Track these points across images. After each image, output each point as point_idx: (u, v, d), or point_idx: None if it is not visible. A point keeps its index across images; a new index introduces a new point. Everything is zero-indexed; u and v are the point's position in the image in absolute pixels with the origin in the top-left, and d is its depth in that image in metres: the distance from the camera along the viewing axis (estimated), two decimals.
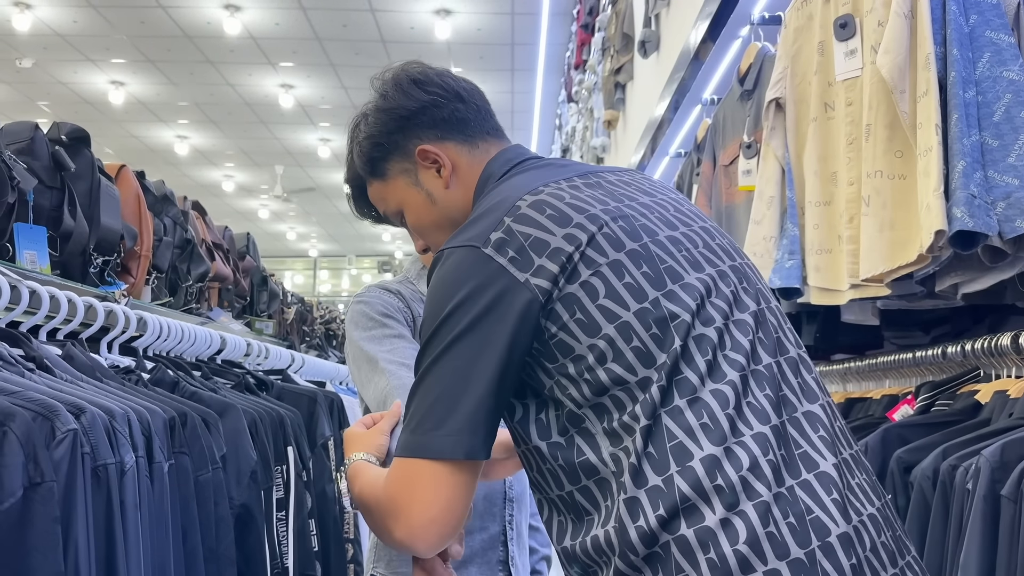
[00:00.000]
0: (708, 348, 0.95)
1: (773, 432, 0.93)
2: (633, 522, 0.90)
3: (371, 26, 9.00)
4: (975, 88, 1.50)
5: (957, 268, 1.58)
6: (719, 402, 0.93)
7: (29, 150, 1.80)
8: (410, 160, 1.18)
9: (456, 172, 1.17)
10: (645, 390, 0.93)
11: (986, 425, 1.44)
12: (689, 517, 0.89)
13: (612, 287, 0.95)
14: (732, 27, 2.78)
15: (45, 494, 1.04)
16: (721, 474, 0.89)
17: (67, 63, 10.03)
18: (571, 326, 0.95)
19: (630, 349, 0.94)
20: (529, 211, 0.99)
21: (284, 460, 1.96)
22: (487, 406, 0.95)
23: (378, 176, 1.21)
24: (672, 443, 0.91)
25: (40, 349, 1.40)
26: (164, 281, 2.40)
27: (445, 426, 0.94)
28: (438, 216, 1.18)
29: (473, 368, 0.94)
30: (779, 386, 0.97)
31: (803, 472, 0.92)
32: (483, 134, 1.19)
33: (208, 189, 14.75)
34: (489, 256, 0.96)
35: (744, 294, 1.02)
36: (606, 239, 0.98)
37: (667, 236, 1.02)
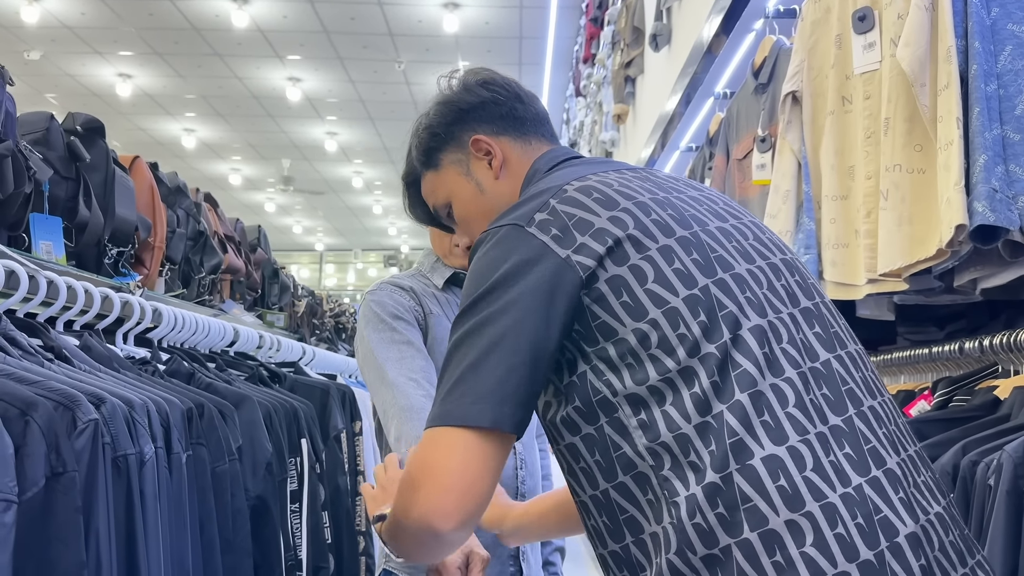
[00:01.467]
0: (764, 341, 0.93)
1: (834, 431, 0.91)
2: (690, 520, 0.88)
3: (379, 19, 8.99)
4: (997, 81, 1.49)
5: (976, 263, 1.57)
6: (779, 399, 0.90)
7: (45, 140, 1.80)
8: (464, 151, 1.21)
9: (506, 164, 1.19)
10: (692, 383, 0.91)
11: (1006, 421, 1.43)
12: (752, 520, 0.86)
13: (661, 272, 0.94)
14: (746, 20, 2.77)
15: (67, 484, 1.04)
16: (784, 474, 0.87)
17: (75, 55, 10.04)
18: (617, 309, 0.93)
19: (676, 336, 0.92)
20: (576, 194, 0.99)
21: (298, 452, 1.97)
22: (518, 377, 0.92)
23: (432, 166, 1.24)
24: (732, 439, 0.88)
25: (58, 339, 1.40)
26: (177, 273, 2.40)
27: (472, 394, 0.91)
28: (485, 206, 1.19)
29: (506, 340, 0.92)
30: (842, 381, 0.95)
31: (872, 470, 0.91)
32: (537, 135, 1.22)
33: (215, 182, 14.76)
34: (532, 234, 0.96)
35: (798, 288, 1.01)
36: (655, 224, 0.97)
37: (717, 227, 1.01)
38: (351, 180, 15.09)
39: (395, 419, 1.54)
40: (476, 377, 0.91)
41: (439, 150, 1.23)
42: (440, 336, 1.68)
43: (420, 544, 0.99)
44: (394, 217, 17.93)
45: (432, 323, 1.69)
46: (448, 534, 0.93)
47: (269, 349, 2.55)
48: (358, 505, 2.48)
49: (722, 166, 2.78)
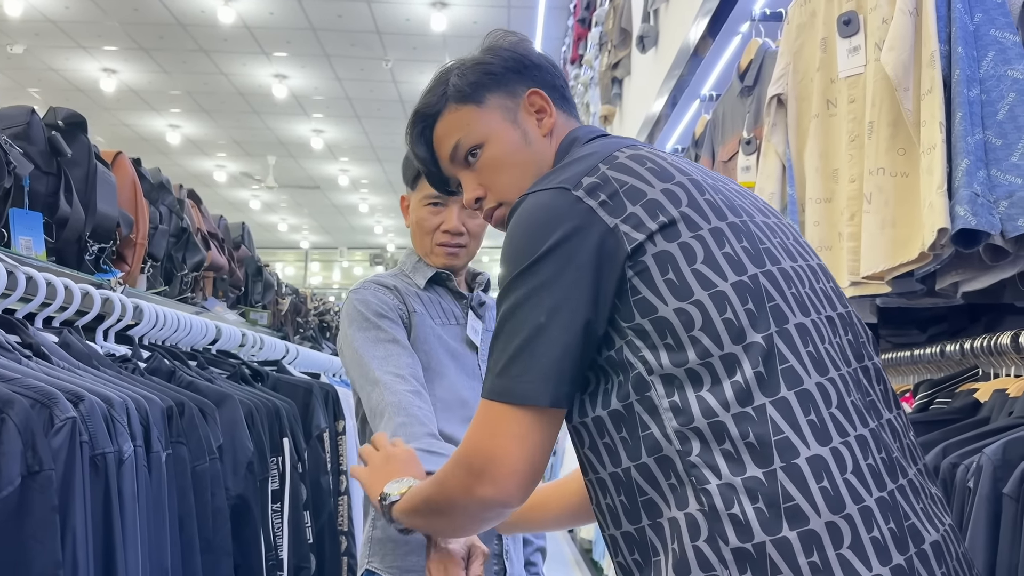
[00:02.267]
0: (809, 339, 0.92)
1: (872, 435, 0.91)
2: (727, 509, 0.86)
3: (366, 17, 8.96)
4: (979, 86, 1.50)
5: (958, 266, 1.58)
6: (824, 399, 0.90)
7: (25, 135, 1.78)
8: (515, 100, 1.17)
9: (555, 127, 1.17)
10: (733, 371, 0.89)
11: (986, 423, 1.44)
12: (792, 519, 0.85)
13: (712, 254, 0.92)
14: (732, 23, 2.78)
15: (43, 482, 1.03)
16: (827, 476, 0.87)
17: (59, 50, 9.95)
18: (660, 285, 0.91)
19: (721, 320, 0.90)
20: (628, 161, 0.97)
21: (280, 451, 1.95)
22: (573, 355, 0.92)
23: (475, 100, 1.17)
24: (778, 437, 0.87)
25: (36, 336, 1.38)
26: (159, 270, 2.38)
27: (531, 371, 0.91)
28: (526, 158, 1.15)
29: (559, 314, 0.91)
30: (867, 391, 0.96)
31: (899, 477, 0.91)
32: (575, 116, 1.22)
33: (200, 179, 14.67)
34: (579, 198, 0.94)
35: (833, 294, 1.01)
36: (708, 205, 0.95)
37: (762, 221, 1.00)
38: (337, 178, 15.04)
39: (385, 415, 1.53)
40: (532, 354, 0.91)
41: (488, 89, 1.17)
42: (423, 335, 1.67)
43: (476, 520, 1.01)
44: (380, 216, 17.88)
45: (416, 322, 1.68)
46: (513, 509, 0.97)
47: (252, 347, 2.53)
48: (340, 505, 2.46)
49: (707, 168, 2.78)
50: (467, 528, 1.09)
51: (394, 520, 1.19)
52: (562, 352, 0.91)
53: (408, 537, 1.64)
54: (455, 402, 1.65)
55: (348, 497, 2.53)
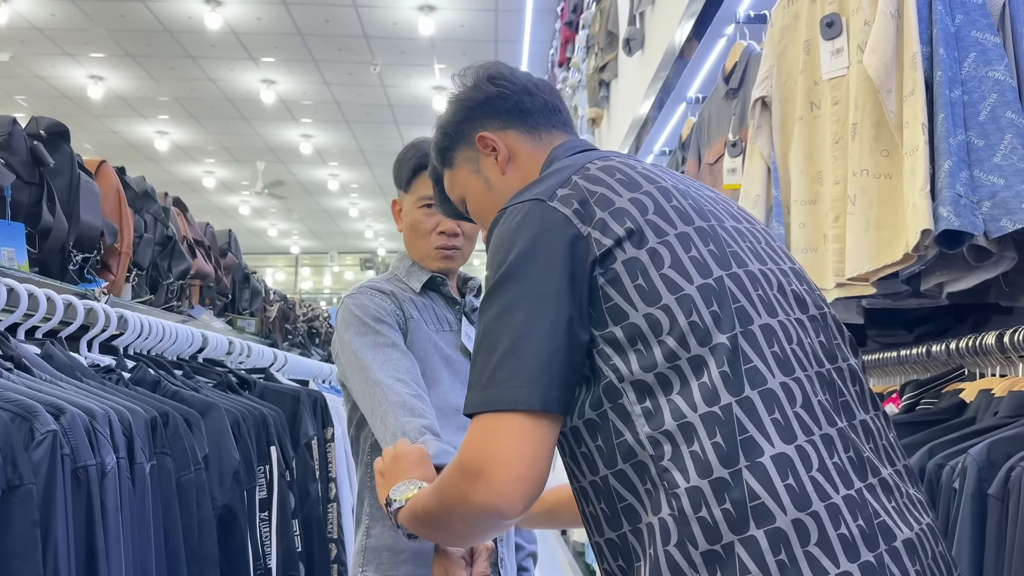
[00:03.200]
0: (774, 339, 0.93)
1: (840, 434, 0.92)
2: (695, 513, 0.87)
3: (354, 22, 8.95)
4: (961, 88, 1.50)
5: (942, 267, 1.59)
6: (788, 398, 0.91)
7: (7, 145, 1.76)
8: (473, 148, 1.21)
9: (514, 159, 1.19)
10: (700, 372, 0.90)
11: (971, 424, 1.44)
12: (759, 518, 0.86)
13: (678, 258, 0.93)
14: (717, 25, 2.78)
15: (24, 496, 1.02)
16: (792, 473, 0.87)
17: (45, 57, 9.90)
18: (630, 291, 0.92)
19: (688, 323, 0.91)
20: (599, 172, 1.00)
21: (267, 460, 1.94)
22: (560, 358, 0.91)
23: (447, 165, 1.25)
24: (743, 436, 0.88)
25: (18, 348, 1.37)
26: (145, 278, 2.37)
27: (518, 376, 0.90)
28: (494, 202, 1.18)
29: (541, 318, 0.91)
30: (840, 391, 0.96)
31: (869, 476, 0.92)
32: (548, 127, 1.21)
33: (188, 185, 14.62)
34: (554, 208, 0.96)
35: (807, 296, 1.02)
36: (675, 211, 0.97)
37: (732, 226, 1.02)
38: (327, 183, 15.01)
39: (388, 415, 1.51)
40: (518, 359, 0.91)
41: (452, 149, 1.24)
42: (419, 341, 1.66)
43: (476, 529, 1.00)
44: (370, 220, 17.86)
45: (412, 328, 1.67)
46: (515, 518, 0.94)
47: (239, 355, 2.52)
48: (330, 512, 2.45)
49: (694, 170, 2.79)
50: (467, 538, 1.09)
51: (400, 526, 1.18)
52: (549, 355, 0.91)
53: (403, 546, 1.64)
54: (449, 410, 1.64)
55: (337, 504, 2.52)
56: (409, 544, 1.64)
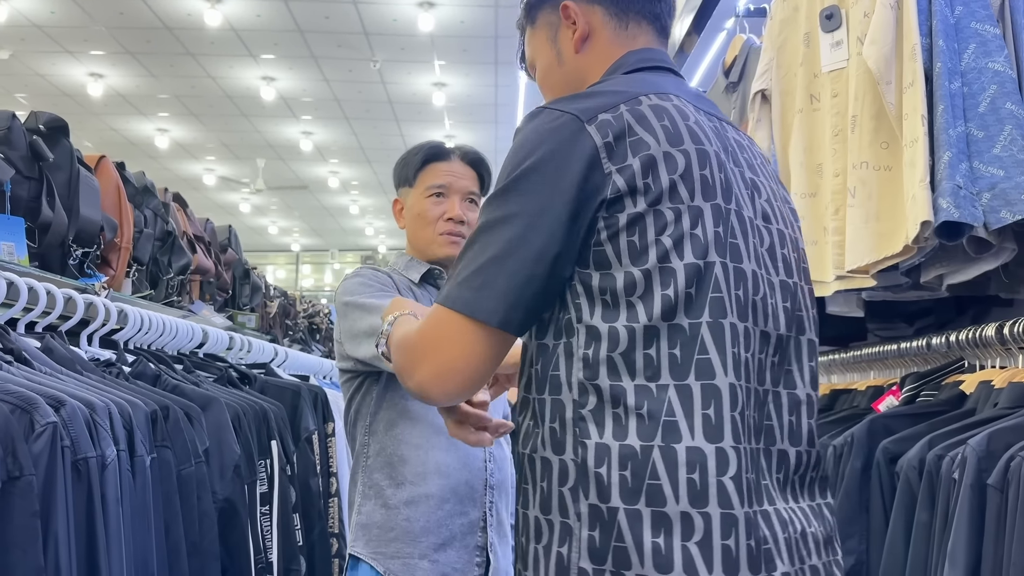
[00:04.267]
0: (738, 343, 0.92)
1: (758, 454, 0.93)
2: (595, 468, 0.89)
3: (353, 18, 8.93)
4: (960, 79, 1.50)
5: (942, 259, 1.59)
6: (731, 400, 0.90)
7: (6, 140, 1.76)
8: (556, 14, 1.13)
9: (592, 39, 1.11)
10: (651, 344, 0.90)
11: (971, 415, 1.44)
12: (651, 497, 0.87)
13: (681, 229, 0.92)
14: (717, 19, 2.78)
15: (24, 488, 1.02)
16: (701, 471, 0.88)
17: (45, 55, 9.89)
18: (622, 245, 0.92)
19: (661, 295, 0.90)
20: (648, 111, 0.95)
21: (268, 454, 1.95)
22: (536, 285, 0.92)
23: (530, 22, 1.18)
24: (668, 418, 0.89)
25: (18, 342, 1.37)
26: (145, 273, 2.37)
27: (491, 289, 0.92)
28: (561, 79, 1.13)
29: (532, 241, 0.91)
30: (768, 415, 0.97)
31: (764, 503, 0.93)
32: (639, 15, 1.11)
33: (189, 182, 14.62)
34: (589, 133, 0.93)
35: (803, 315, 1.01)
36: (701, 181, 0.94)
37: (748, 216, 0.98)
38: (327, 180, 15.00)
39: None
40: (498, 273, 0.92)
41: (538, 7, 1.16)
42: None
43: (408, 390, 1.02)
44: (371, 217, 17.85)
45: None
46: (439, 404, 1.02)
47: (239, 350, 2.52)
48: (331, 507, 2.46)
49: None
50: None
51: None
52: (527, 279, 0.92)
53: (393, 524, 1.67)
54: None
55: (338, 499, 2.52)
56: (398, 522, 1.67)
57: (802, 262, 1.06)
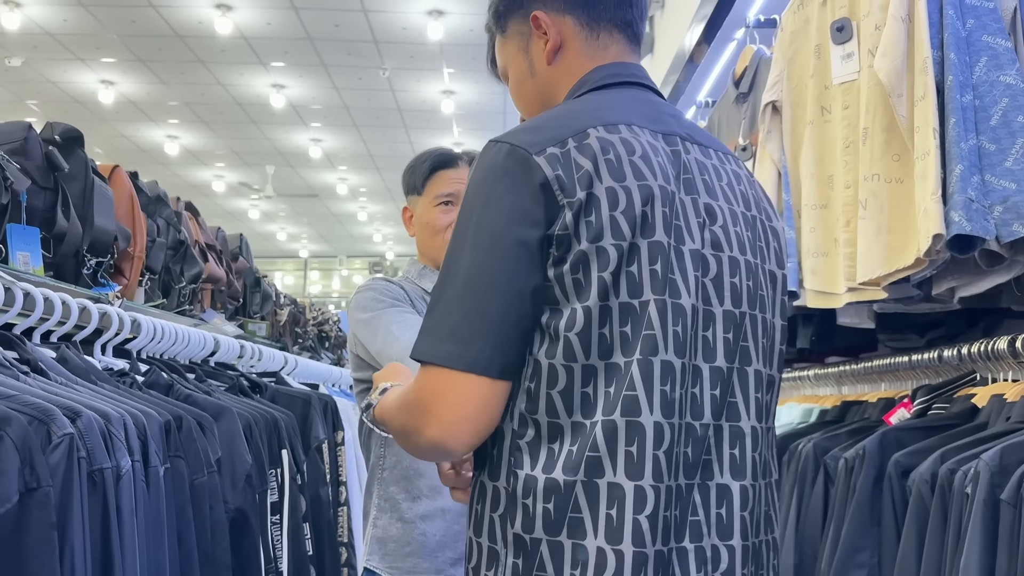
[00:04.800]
0: (669, 379, 0.93)
1: (682, 490, 0.93)
2: (523, 498, 0.91)
3: (363, 26, 8.97)
4: (972, 92, 1.50)
5: (954, 272, 1.58)
6: (655, 438, 0.91)
7: (22, 150, 1.78)
8: (527, 24, 1.11)
9: (563, 51, 1.10)
10: (588, 382, 0.92)
11: (983, 429, 1.44)
12: (572, 529, 0.90)
13: (619, 268, 0.92)
14: (727, 29, 2.79)
15: (41, 499, 1.03)
16: (619, 507, 0.90)
17: (57, 62, 9.97)
18: (567, 281, 0.92)
19: (598, 333, 0.92)
20: (594, 144, 0.95)
21: (278, 463, 1.95)
22: (524, 325, 0.93)
23: (500, 31, 1.16)
24: (592, 454, 0.91)
25: (34, 352, 1.39)
26: (157, 282, 2.38)
27: (479, 339, 0.91)
28: (533, 90, 1.13)
29: (512, 283, 0.92)
30: (708, 450, 0.96)
31: (684, 540, 0.94)
32: (608, 23, 1.10)
33: (198, 189, 14.68)
34: (538, 164, 0.93)
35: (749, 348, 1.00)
36: (642, 218, 0.94)
37: (691, 250, 0.97)
38: (336, 187, 15.05)
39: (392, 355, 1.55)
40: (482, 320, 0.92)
41: (507, 16, 1.14)
42: None
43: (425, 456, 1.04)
44: (379, 224, 17.89)
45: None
46: (458, 456, 1.03)
47: (250, 359, 2.53)
48: (340, 516, 2.46)
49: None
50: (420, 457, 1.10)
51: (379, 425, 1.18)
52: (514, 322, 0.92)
53: (408, 538, 1.67)
54: None
55: (348, 508, 2.53)
56: (415, 536, 1.68)
57: (759, 289, 1.04)
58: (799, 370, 2.44)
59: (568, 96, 1.10)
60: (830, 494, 1.70)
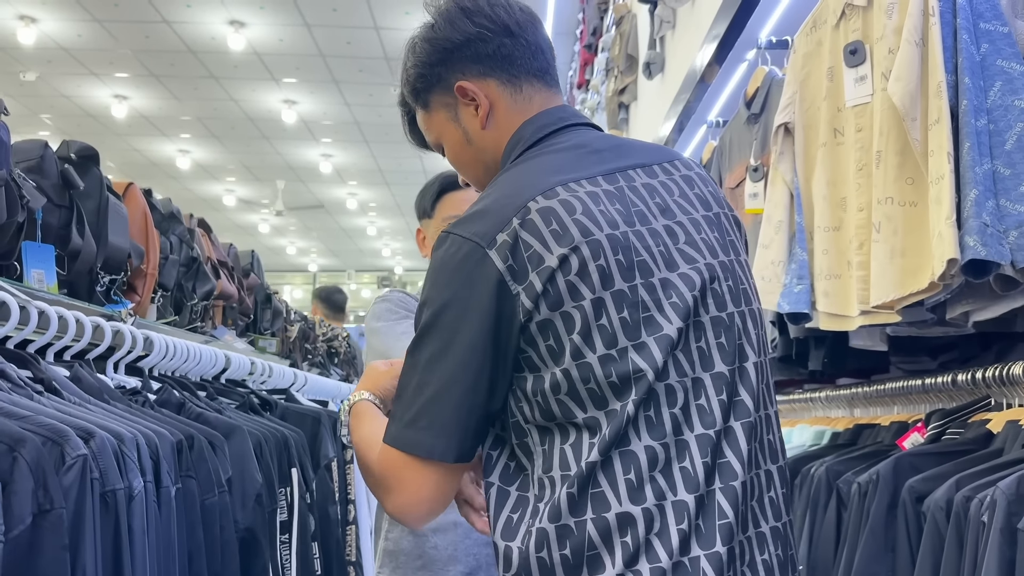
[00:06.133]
0: (651, 404, 0.96)
1: (696, 501, 0.94)
2: (536, 552, 0.94)
3: (375, 43, 9.04)
4: (987, 116, 1.50)
5: (968, 296, 1.58)
6: (649, 461, 0.94)
7: (38, 168, 1.79)
8: (451, 95, 1.13)
9: (494, 113, 1.12)
10: (594, 432, 0.95)
11: (999, 455, 1.43)
12: (592, 566, 0.92)
13: (587, 325, 0.95)
14: (739, 50, 2.79)
15: (54, 521, 1.03)
16: (632, 532, 0.92)
17: (71, 77, 10.06)
18: (542, 350, 0.96)
19: (585, 389, 0.95)
20: (536, 218, 0.98)
21: (288, 482, 1.95)
22: (478, 414, 0.98)
23: (422, 106, 1.17)
24: (595, 490, 0.94)
25: (48, 371, 1.39)
26: (169, 299, 2.39)
27: (438, 427, 0.97)
28: (472, 156, 1.15)
29: (465, 373, 0.96)
30: (719, 453, 0.97)
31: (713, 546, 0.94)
32: (528, 75, 1.13)
33: (209, 203, 14.76)
34: (491, 260, 0.97)
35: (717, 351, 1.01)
36: (599, 271, 0.96)
37: (661, 279, 0.99)
38: (345, 201, 15.11)
39: None
40: (440, 411, 0.97)
41: (427, 91, 1.15)
42: None
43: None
44: (388, 238, 17.93)
45: None
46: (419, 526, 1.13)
47: (261, 375, 2.53)
48: (348, 535, 2.45)
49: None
50: None
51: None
52: (468, 410, 0.97)
53: (419, 552, 1.68)
54: None
55: (356, 527, 2.52)
56: (426, 549, 1.70)
57: (739, 283, 1.06)
58: (810, 391, 2.43)
59: (505, 157, 1.12)
60: (843, 519, 1.68)
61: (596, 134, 1.13)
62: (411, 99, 1.19)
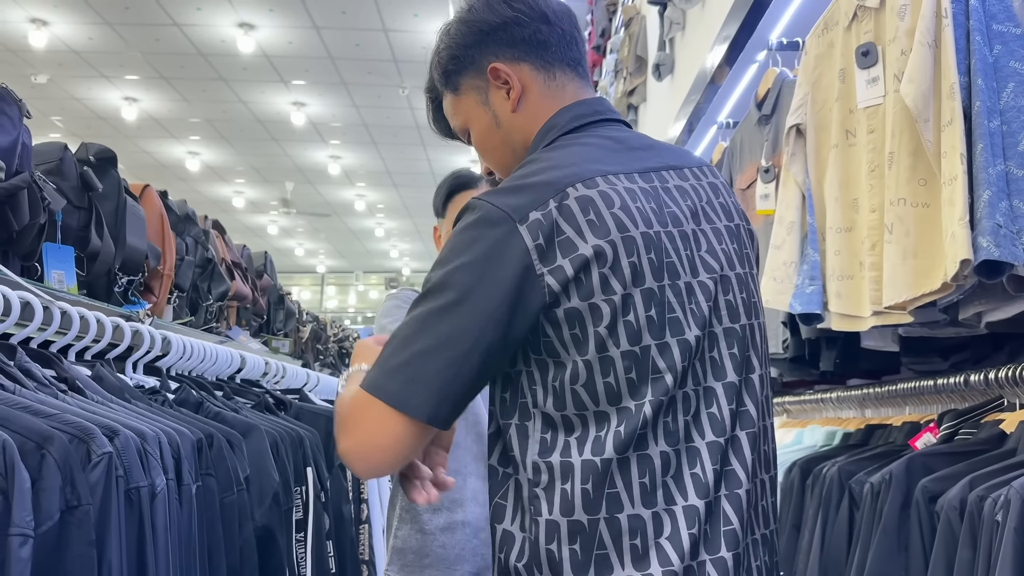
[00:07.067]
0: (671, 410, 0.97)
1: (706, 507, 0.96)
2: (546, 544, 0.94)
3: (383, 46, 9.06)
4: (1000, 118, 1.50)
5: (981, 296, 1.58)
6: (663, 466, 0.95)
7: (58, 171, 1.81)
8: (483, 77, 1.13)
9: (526, 97, 1.11)
10: (602, 426, 0.95)
11: (1012, 455, 1.43)
12: (600, 566, 0.93)
13: (614, 319, 0.95)
14: (750, 51, 2.80)
15: (82, 517, 1.04)
16: (642, 536, 0.93)
17: (81, 79, 10.12)
18: (565, 337, 0.96)
19: (603, 383, 0.95)
20: (574, 205, 0.97)
21: (303, 481, 1.97)
22: (463, 382, 0.95)
23: (451, 89, 1.17)
24: (610, 491, 0.94)
25: (71, 370, 1.41)
26: (185, 300, 2.41)
27: (419, 383, 0.93)
28: (501, 140, 1.14)
29: (463, 338, 0.94)
30: (727, 461, 0.99)
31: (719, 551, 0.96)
32: (562, 64, 1.12)
33: (218, 205, 14.81)
34: (521, 235, 0.95)
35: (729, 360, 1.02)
36: (631, 268, 0.97)
37: (685, 283, 1.00)
38: (354, 203, 15.15)
39: None
40: (425, 367, 0.94)
41: (458, 73, 1.15)
42: None
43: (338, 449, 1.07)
44: (396, 240, 17.97)
45: None
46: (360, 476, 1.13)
47: (275, 375, 2.55)
48: (361, 534, 2.47)
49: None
50: None
51: None
52: (454, 376, 0.94)
53: (428, 550, 1.70)
54: (469, 414, 1.70)
55: (368, 526, 2.54)
56: (434, 548, 1.71)
57: (752, 297, 1.08)
58: (821, 392, 2.44)
59: (537, 141, 1.11)
60: (855, 519, 1.69)
61: (631, 132, 1.13)
62: (441, 83, 1.18)
